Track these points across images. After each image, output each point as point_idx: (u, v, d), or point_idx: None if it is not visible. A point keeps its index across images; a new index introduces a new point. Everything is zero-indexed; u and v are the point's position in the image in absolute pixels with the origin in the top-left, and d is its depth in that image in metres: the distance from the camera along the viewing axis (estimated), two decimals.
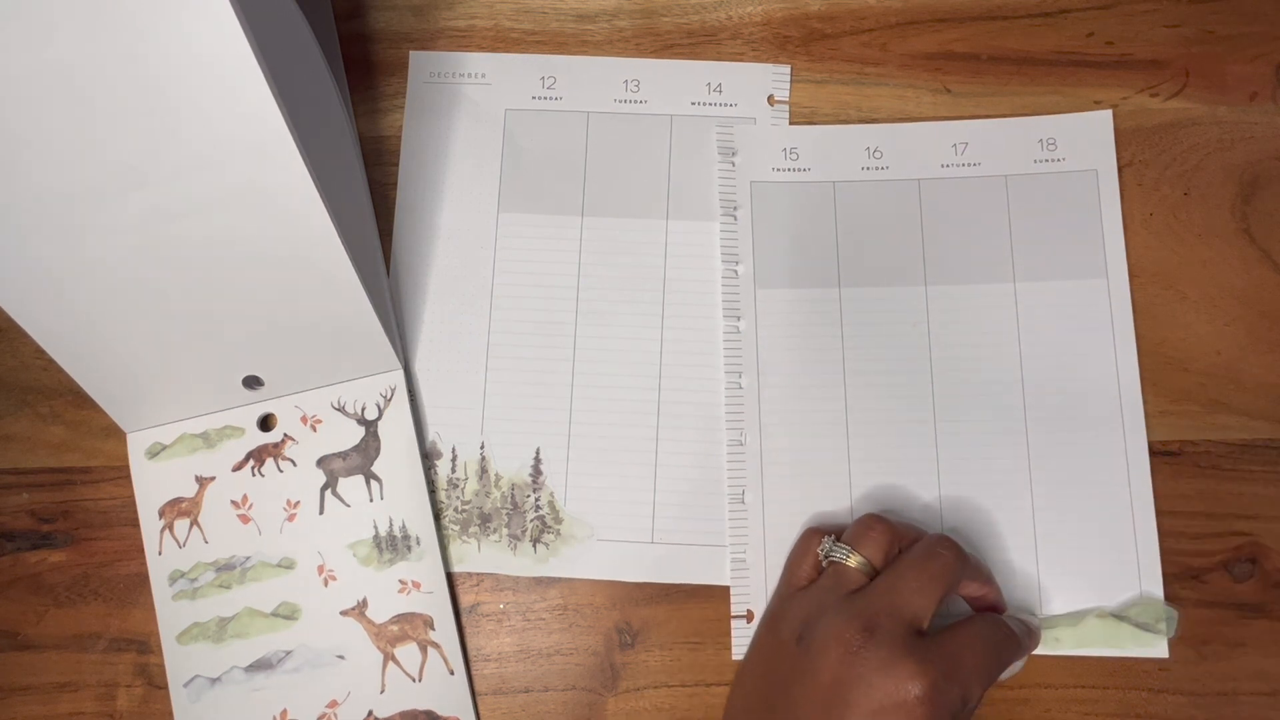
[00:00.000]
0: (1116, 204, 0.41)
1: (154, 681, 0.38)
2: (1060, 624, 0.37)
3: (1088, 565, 0.38)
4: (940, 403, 0.40)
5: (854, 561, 0.34)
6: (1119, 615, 0.37)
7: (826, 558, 0.35)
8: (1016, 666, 0.36)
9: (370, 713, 0.37)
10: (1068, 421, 0.39)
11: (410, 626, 0.38)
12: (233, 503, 0.39)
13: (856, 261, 0.41)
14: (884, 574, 0.33)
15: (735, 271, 0.41)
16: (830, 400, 0.40)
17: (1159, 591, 0.38)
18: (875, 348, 0.40)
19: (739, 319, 0.41)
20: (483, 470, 0.40)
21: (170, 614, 0.38)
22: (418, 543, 0.38)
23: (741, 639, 0.38)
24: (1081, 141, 0.42)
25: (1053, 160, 0.42)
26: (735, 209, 0.42)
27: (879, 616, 0.31)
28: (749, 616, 0.38)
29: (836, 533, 0.36)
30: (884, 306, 0.41)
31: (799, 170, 0.42)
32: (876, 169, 0.42)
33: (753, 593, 0.38)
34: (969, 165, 0.42)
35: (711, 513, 0.39)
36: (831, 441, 0.39)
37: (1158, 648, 0.37)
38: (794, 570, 0.36)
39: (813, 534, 0.37)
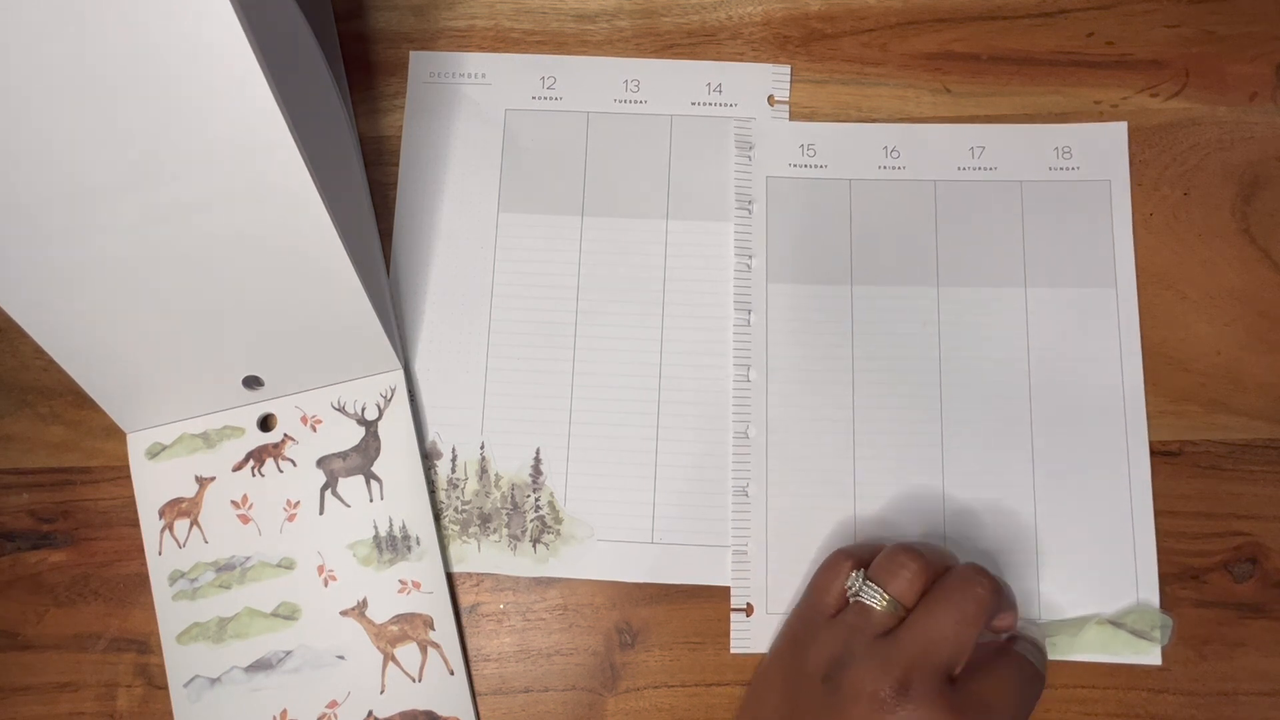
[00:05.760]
0: (1128, 215, 0.41)
1: (154, 681, 0.38)
2: (1061, 631, 0.37)
3: (1088, 570, 0.38)
4: (948, 403, 0.40)
5: (883, 605, 0.32)
6: (1116, 623, 0.37)
7: (855, 597, 0.33)
8: None
9: (370, 713, 0.37)
10: (1073, 428, 0.39)
11: (410, 626, 0.38)
12: (233, 503, 0.39)
13: (869, 260, 0.41)
14: (917, 613, 0.32)
15: (748, 265, 0.41)
16: (837, 396, 0.40)
17: (1155, 599, 0.38)
18: (885, 346, 0.40)
19: (750, 312, 0.41)
20: (483, 470, 0.40)
21: (170, 614, 0.38)
22: (418, 543, 0.38)
23: (741, 632, 0.38)
24: (1096, 151, 0.42)
25: (1067, 169, 0.42)
26: (750, 203, 0.42)
27: (912, 670, 0.30)
28: (749, 610, 0.38)
29: (864, 560, 0.34)
30: (895, 305, 0.41)
31: (815, 167, 0.42)
32: (893, 168, 0.42)
33: (753, 586, 0.38)
34: (985, 169, 0.42)
35: (712, 513, 0.39)
36: (837, 437, 0.39)
37: (1152, 655, 0.37)
38: (820, 595, 0.35)
39: (841, 558, 0.35)
